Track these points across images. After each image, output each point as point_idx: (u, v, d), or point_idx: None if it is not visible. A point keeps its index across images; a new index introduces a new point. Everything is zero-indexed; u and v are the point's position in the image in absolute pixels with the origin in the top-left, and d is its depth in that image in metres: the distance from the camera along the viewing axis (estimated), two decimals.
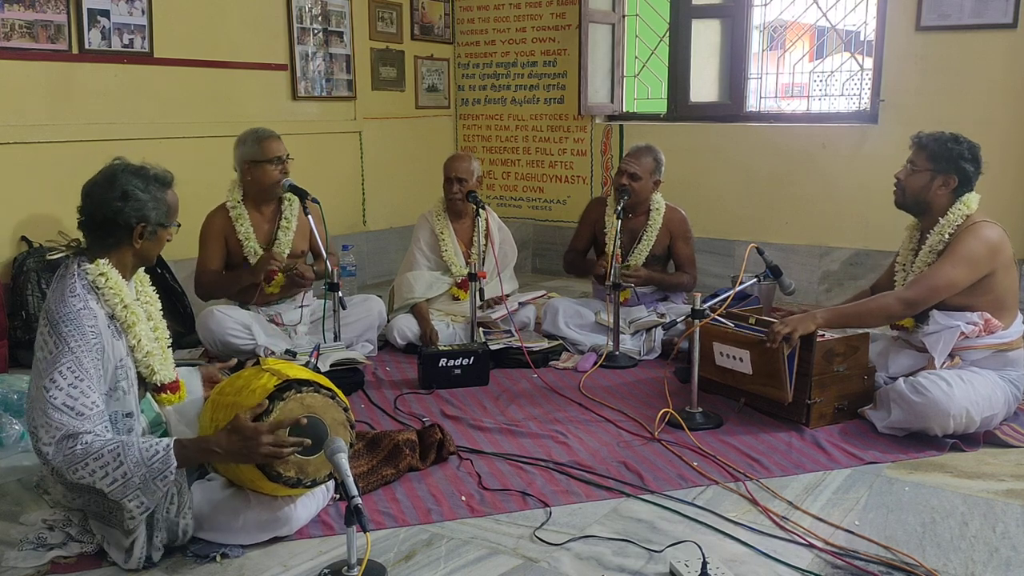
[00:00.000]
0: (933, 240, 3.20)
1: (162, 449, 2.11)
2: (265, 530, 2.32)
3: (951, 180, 3.17)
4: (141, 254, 2.37)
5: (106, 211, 2.27)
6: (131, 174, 2.32)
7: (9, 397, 3.21)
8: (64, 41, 4.14)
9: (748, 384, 3.26)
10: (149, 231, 2.33)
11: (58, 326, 2.16)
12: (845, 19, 5.48)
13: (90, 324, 2.19)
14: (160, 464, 2.09)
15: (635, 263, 4.22)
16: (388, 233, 6.01)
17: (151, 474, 2.08)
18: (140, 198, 2.29)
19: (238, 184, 3.92)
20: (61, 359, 2.13)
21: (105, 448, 2.08)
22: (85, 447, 2.08)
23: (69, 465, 2.09)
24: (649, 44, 6.05)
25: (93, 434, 2.11)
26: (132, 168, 2.34)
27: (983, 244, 3.08)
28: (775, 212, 5.38)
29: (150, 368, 2.38)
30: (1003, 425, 3.10)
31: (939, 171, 3.18)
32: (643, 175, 4.13)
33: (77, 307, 2.19)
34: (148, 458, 2.09)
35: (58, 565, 2.23)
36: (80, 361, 2.14)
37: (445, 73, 6.46)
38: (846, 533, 2.40)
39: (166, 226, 2.38)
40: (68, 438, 2.09)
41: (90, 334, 2.18)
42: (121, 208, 2.27)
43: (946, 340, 3.07)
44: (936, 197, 3.20)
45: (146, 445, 2.11)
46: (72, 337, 2.15)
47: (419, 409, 3.41)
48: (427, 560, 2.28)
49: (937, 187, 3.19)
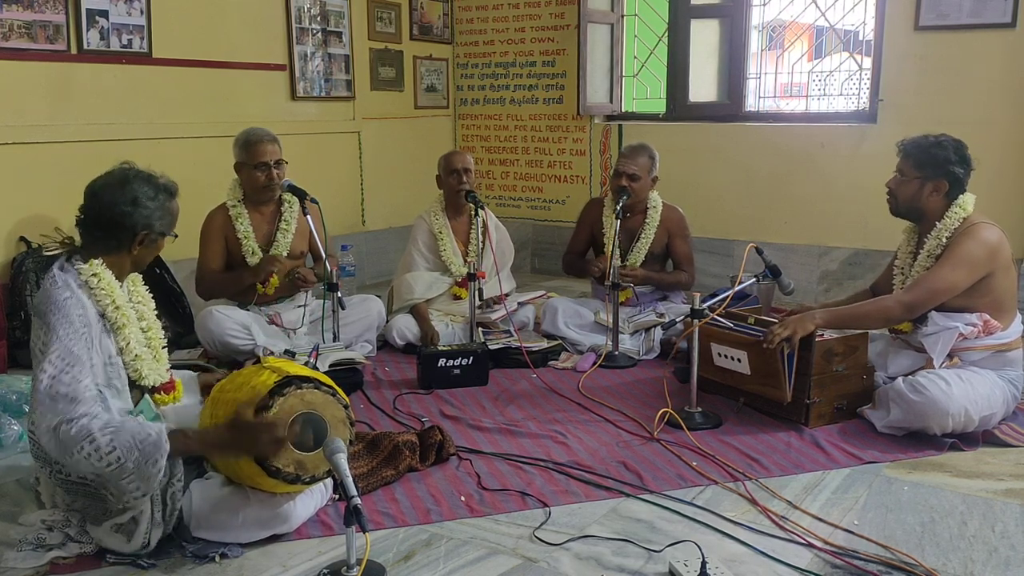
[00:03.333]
0: (931, 244, 3.18)
1: (154, 432, 2.11)
2: (265, 527, 2.32)
3: (941, 185, 3.15)
4: (136, 259, 2.40)
5: (113, 213, 2.30)
6: (142, 181, 2.35)
7: (8, 397, 3.20)
8: (63, 41, 4.14)
9: (747, 384, 3.26)
10: (151, 239, 2.37)
11: (46, 316, 2.17)
12: (844, 19, 5.49)
13: (78, 313, 2.20)
14: (151, 448, 2.08)
15: (633, 262, 4.22)
16: (387, 233, 6.01)
17: (143, 457, 2.08)
18: (148, 206, 2.33)
19: (238, 183, 3.93)
20: (51, 347, 2.14)
21: (100, 431, 2.08)
22: (80, 429, 2.07)
23: (65, 450, 2.08)
24: (648, 44, 6.05)
25: (88, 416, 2.10)
26: (143, 175, 2.37)
27: (982, 246, 3.07)
28: (774, 212, 5.38)
29: (138, 372, 2.39)
30: (1002, 424, 3.10)
31: (928, 178, 3.16)
32: (641, 174, 4.14)
33: (64, 296, 2.20)
34: (140, 441, 2.08)
35: (57, 566, 2.23)
36: (69, 348, 2.15)
37: (444, 73, 6.46)
38: (845, 533, 2.40)
39: (166, 235, 2.42)
40: (64, 423, 2.09)
41: (78, 322, 2.19)
42: (130, 213, 2.30)
43: (945, 341, 3.07)
44: (929, 203, 3.19)
45: (139, 428, 2.11)
46: (60, 325, 2.16)
47: (418, 409, 3.41)
48: (426, 560, 2.28)
49: (928, 193, 3.18)
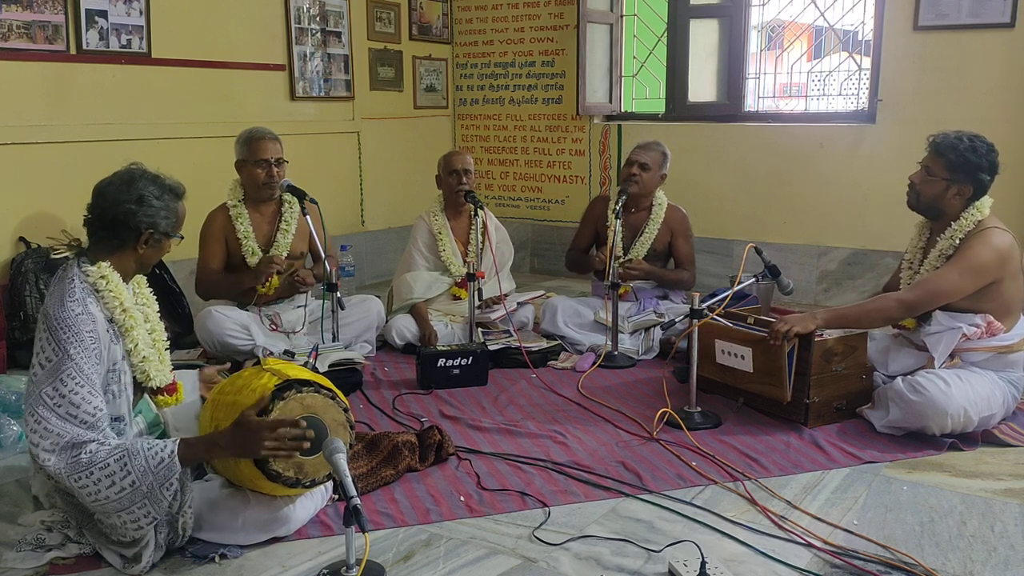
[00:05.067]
0: (943, 244, 3.15)
1: (167, 456, 2.11)
2: (264, 530, 2.32)
3: (966, 190, 3.11)
4: (142, 260, 2.40)
5: (118, 212, 2.30)
6: (148, 180, 2.37)
7: (7, 398, 3.20)
8: (62, 42, 4.14)
9: (747, 383, 3.26)
10: (155, 238, 2.37)
11: (56, 332, 2.16)
12: (843, 19, 5.49)
13: (88, 329, 2.19)
14: (166, 471, 2.10)
15: (635, 257, 4.25)
16: (386, 233, 6.01)
17: (157, 481, 2.09)
18: (154, 204, 2.34)
19: (239, 183, 3.93)
20: (62, 367, 2.13)
21: (111, 457, 2.08)
22: (90, 456, 2.08)
23: (71, 474, 2.09)
24: (647, 44, 6.05)
25: (97, 443, 2.11)
26: (149, 175, 2.39)
27: (993, 252, 3.03)
28: (773, 212, 5.38)
29: (146, 373, 2.40)
30: (1001, 424, 3.10)
31: (955, 181, 3.10)
32: (653, 166, 4.20)
33: (76, 312, 2.19)
34: (154, 465, 2.09)
35: (56, 566, 2.23)
36: (80, 367, 2.15)
37: (443, 73, 6.46)
38: (845, 532, 2.40)
39: (171, 236, 2.42)
40: (73, 447, 2.09)
41: (88, 340, 2.18)
42: (134, 212, 2.31)
43: (947, 341, 3.07)
44: (950, 204, 3.15)
45: (151, 452, 2.10)
46: (71, 344, 2.15)
47: (418, 409, 3.41)
48: (426, 560, 2.28)
49: (952, 196, 3.13)
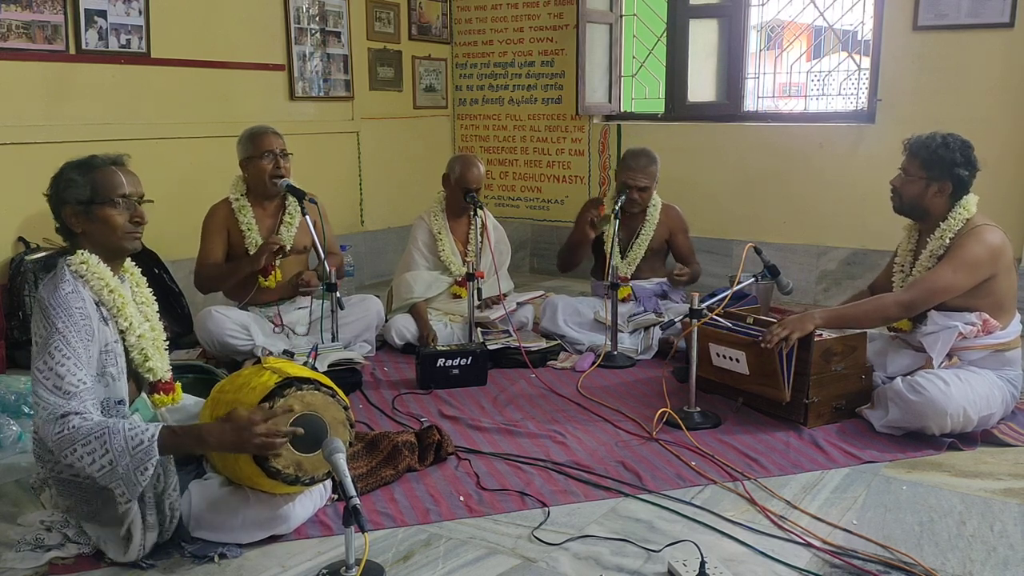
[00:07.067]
0: (934, 245, 3.18)
1: (147, 439, 2.09)
2: (264, 528, 2.32)
3: (945, 187, 3.15)
4: (97, 241, 2.32)
5: (51, 206, 2.32)
6: (72, 167, 2.32)
7: (7, 398, 3.20)
8: (61, 41, 4.14)
9: (746, 383, 3.26)
10: (80, 211, 2.29)
11: (47, 311, 2.18)
12: (842, 19, 5.49)
13: (78, 305, 2.20)
14: (143, 455, 2.08)
15: (633, 259, 4.29)
16: (386, 233, 6.01)
17: (133, 463, 2.07)
18: (59, 186, 2.30)
19: (241, 179, 3.94)
20: (50, 340, 2.15)
21: (92, 434, 2.08)
22: (73, 431, 2.08)
23: (61, 448, 2.10)
24: (647, 44, 6.05)
25: (80, 416, 2.10)
26: (75, 161, 2.33)
27: (985, 248, 3.06)
28: (772, 212, 5.38)
29: (144, 354, 2.37)
30: (1001, 424, 3.10)
31: (933, 179, 3.15)
32: (651, 184, 4.24)
33: (66, 291, 2.21)
34: (133, 447, 2.08)
35: (56, 566, 2.22)
36: (67, 339, 2.15)
37: (443, 73, 6.46)
38: (844, 532, 2.40)
39: (97, 203, 2.29)
40: (58, 419, 2.09)
41: (77, 314, 2.19)
42: (52, 198, 2.31)
43: (944, 340, 3.07)
44: (933, 203, 3.19)
45: (131, 433, 2.09)
46: (59, 318, 2.16)
47: (417, 409, 3.41)
48: (425, 560, 2.28)
49: (933, 194, 3.17)
